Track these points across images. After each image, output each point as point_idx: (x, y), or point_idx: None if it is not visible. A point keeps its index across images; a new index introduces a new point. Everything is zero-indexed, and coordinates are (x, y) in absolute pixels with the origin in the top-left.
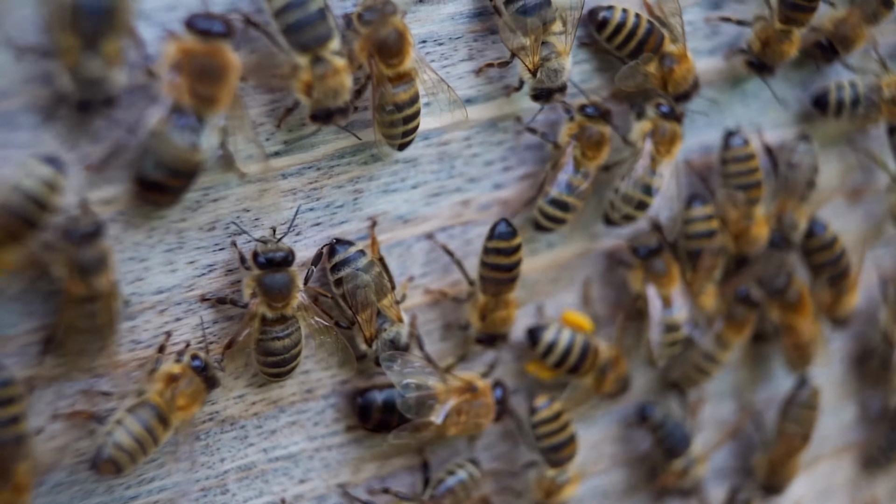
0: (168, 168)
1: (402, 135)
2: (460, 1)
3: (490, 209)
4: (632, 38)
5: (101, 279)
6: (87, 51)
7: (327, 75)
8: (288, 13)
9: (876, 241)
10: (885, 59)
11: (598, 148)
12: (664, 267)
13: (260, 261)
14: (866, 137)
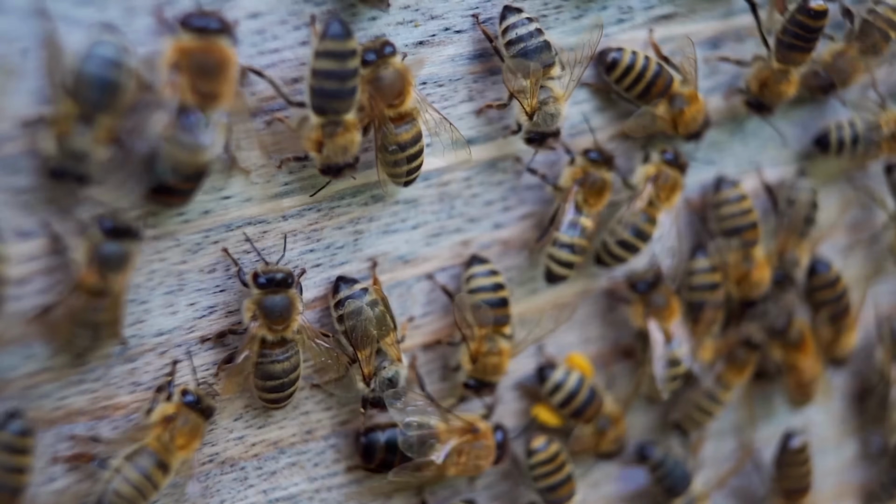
0: (180, 171)
1: (406, 174)
2: (460, 42)
3: (490, 249)
4: (640, 81)
5: (118, 278)
6: (80, 123)
7: (338, 134)
8: (326, 79)
9: (875, 279)
10: (885, 96)
11: (600, 194)
12: (664, 300)
13: (260, 281)
14: (865, 175)
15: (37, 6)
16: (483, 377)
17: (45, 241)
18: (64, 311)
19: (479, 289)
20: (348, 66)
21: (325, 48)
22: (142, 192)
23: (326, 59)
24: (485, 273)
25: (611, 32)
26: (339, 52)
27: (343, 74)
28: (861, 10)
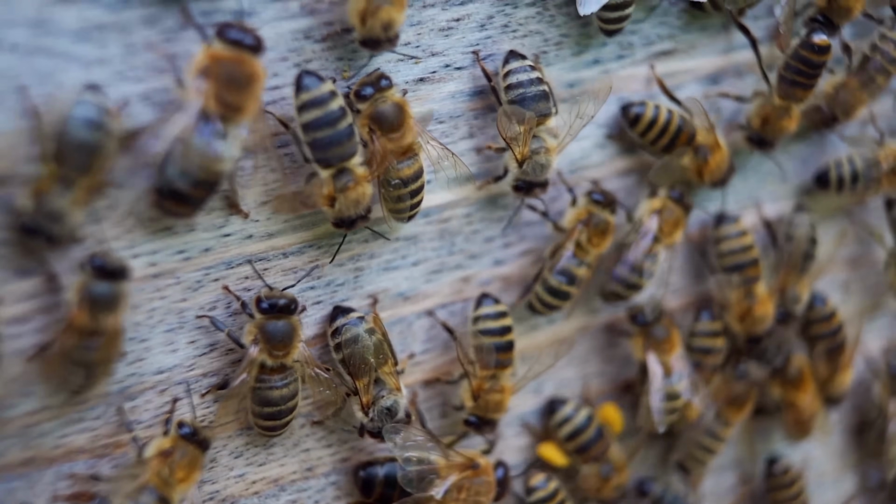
0: (191, 176)
1: (410, 208)
2: (460, 80)
3: (491, 285)
4: (664, 135)
5: (109, 318)
6: (60, 184)
7: (349, 188)
8: (317, 130)
9: (874, 315)
10: (884, 131)
11: (603, 236)
12: (665, 333)
13: (263, 306)
14: (864, 210)
15: (35, 44)
16: (484, 414)
17: (43, 279)
18: (57, 350)
19: (487, 331)
20: (332, 108)
21: (303, 101)
22: (149, 194)
23: (309, 111)
24: (494, 315)
25: (611, 68)
26: (317, 99)
27: (330, 118)
28: (864, 46)
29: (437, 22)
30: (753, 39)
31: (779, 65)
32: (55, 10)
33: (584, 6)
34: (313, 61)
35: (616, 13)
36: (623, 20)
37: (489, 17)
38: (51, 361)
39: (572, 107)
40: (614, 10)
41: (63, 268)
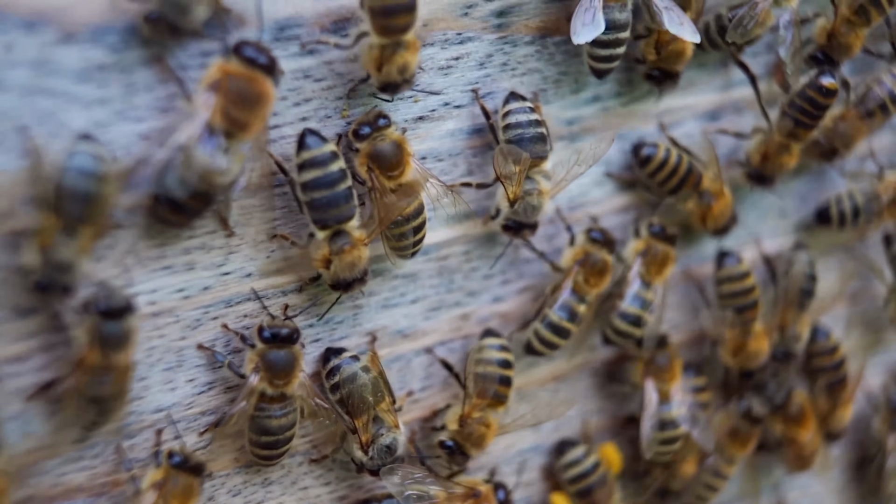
0: (190, 186)
1: (413, 245)
2: (459, 117)
3: (490, 322)
4: (673, 176)
5: (121, 355)
6: (63, 234)
7: (345, 250)
8: (315, 190)
9: (875, 350)
10: (883, 165)
11: (601, 275)
12: (666, 361)
13: (265, 335)
14: (864, 245)
15: (36, 85)
16: (463, 443)
17: (43, 318)
18: (69, 387)
19: (487, 360)
20: (332, 169)
21: (304, 159)
22: (148, 201)
23: (309, 170)
24: (496, 347)
25: (610, 106)
26: (318, 159)
27: (330, 180)
28: (864, 80)
29: (436, 61)
30: (753, 76)
31: (782, 102)
32: (56, 51)
33: (578, 36)
34: (312, 100)
35: (606, 51)
36: (613, 59)
37: (488, 56)
38: (62, 399)
39: (571, 154)
40: (605, 48)
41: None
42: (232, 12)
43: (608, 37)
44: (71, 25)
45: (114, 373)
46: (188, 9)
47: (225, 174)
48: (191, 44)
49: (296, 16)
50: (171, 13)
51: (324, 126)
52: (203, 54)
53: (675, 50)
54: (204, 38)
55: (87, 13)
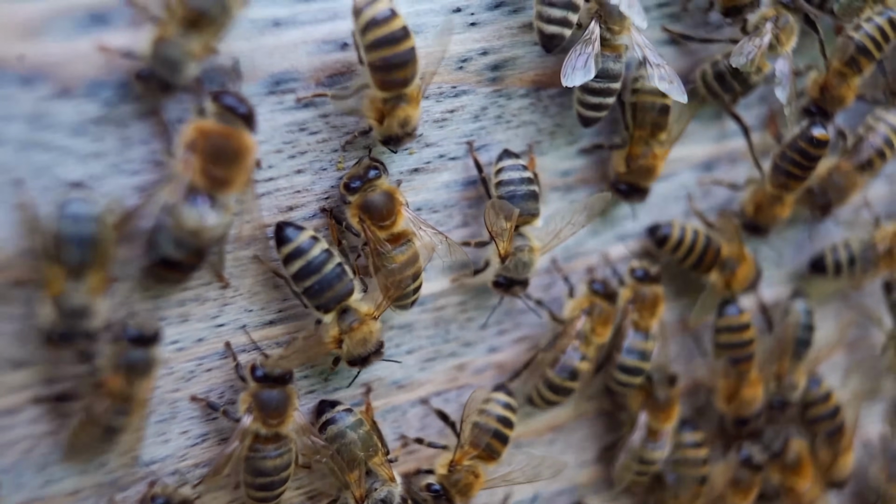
0: (185, 246)
1: (412, 293)
2: (455, 170)
3: (486, 373)
4: (691, 254)
5: (143, 383)
6: (71, 281)
7: (354, 327)
8: (305, 279)
9: (872, 398)
10: (878, 214)
11: (606, 325)
12: (665, 399)
13: (258, 374)
14: (861, 293)
15: (31, 138)
16: (450, 489)
17: (34, 370)
18: (87, 416)
19: (489, 413)
20: (314, 254)
21: (286, 253)
22: (143, 264)
23: (294, 261)
24: (502, 403)
25: (605, 156)
26: (299, 249)
27: (316, 265)
28: (860, 128)
29: (431, 113)
30: (746, 128)
31: (774, 154)
32: (52, 105)
33: (568, 79)
34: (307, 153)
35: (597, 99)
36: (602, 108)
37: (483, 109)
38: (76, 425)
39: (565, 214)
40: (595, 95)
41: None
42: (224, 68)
43: (600, 85)
44: (67, 80)
45: (133, 403)
46: (180, 66)
47: (215, 229)
48: (187, 97)
49: (291, 70)
50: (163, 70)
51: (319, 178)
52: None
53: (646, 165)
54: (197, 93)
55: (83, 68)
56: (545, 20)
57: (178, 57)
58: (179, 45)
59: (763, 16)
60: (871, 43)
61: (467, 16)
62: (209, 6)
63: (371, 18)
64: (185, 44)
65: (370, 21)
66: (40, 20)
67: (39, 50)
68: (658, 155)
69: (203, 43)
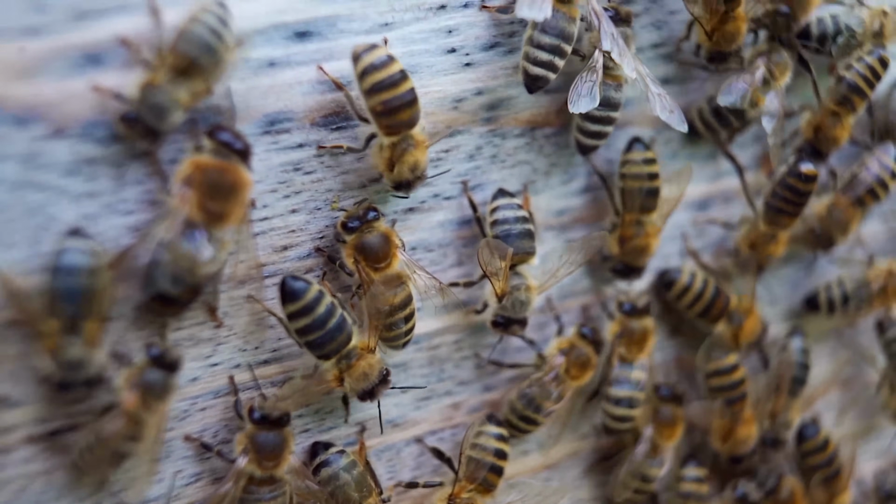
0: (182, 281)
1: (405, 334)
2: (449, 209)
3: (481, 412)
4: (699, 301)
5: (159, 406)
6: (67, 334)
7: (353, 366)
8: (309, 334)
9: (867, 437)
10: (873, 254)
11: (583, 369)
12: (670, 416)
13: (255, 416)
14: (855, 331)
15: (25, 178)
16: None
17: (28, 410)
18: (97, 434)
19: (483, 447)
20: (320, 312)
21: (291, 311)
22: (140, 299)
23: (298, 319)
24: (495, 436)
25: (600, 196)
26: (304, 307)
27: (321, 322)
28: (855, 167)
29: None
30: (740, 167)
31: (765, 192)
32: (46, 145)
33: (574, 105)
34: (302, 192)
35: (596, 126)
36: (601, 137)
37: (478, 148)
38: (87, 449)
39: (562, 253)
40: (595, 123)
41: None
42: (219, 108)
43: (600, 113)
44: (61, 120)
45: (145, 426)
46: (165, 113)
47: (211, 264)
48: (181, 137)
49: (286, 110)
50: (149, 116)
51: (313, 217)
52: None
53: (639, 245)
54: (193, 133)
55: (77, 108)
56: (531, 61)
57: (165, 104)
58: (167, 92)
59: (757, 51)
60: (863, 82)
61: (462, 56)
62: (200, 55)
63: (369, 63)
64: (174, 91)
65: (368, 66)
66: (35, 60)
67: (34, 90)
68: (651, 233)
69: (192, 91)
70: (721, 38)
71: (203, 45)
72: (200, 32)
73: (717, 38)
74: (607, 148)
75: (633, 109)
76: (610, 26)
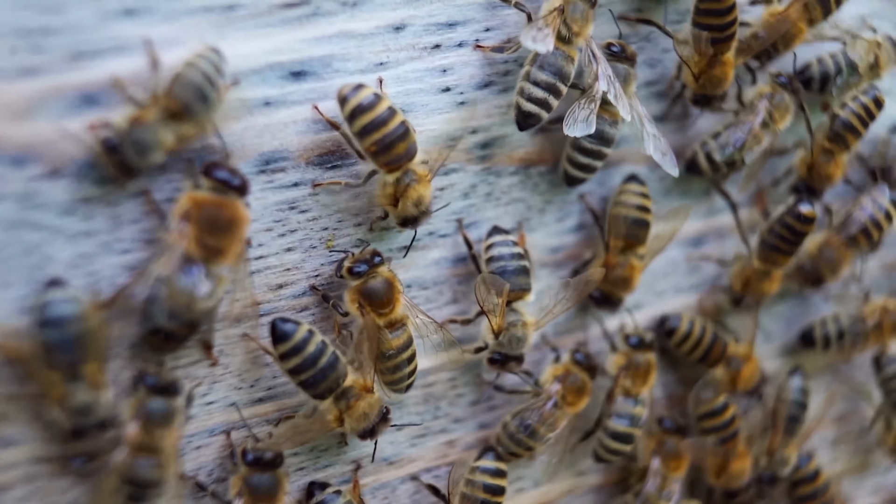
0: (179, 317)
1: (408, 376)
2: (444, 247)
3: (476, 449)
4: (698, 347)
5: (165, 434)
6: (70, 382)
7: (352, 405)
8: (300, 373)
9: (863, 473)
10: (868, 288)
11: (579, 395)
12: (675, 450)
13: (248, 458)
14: (850, 367)
15: (21, 218)
16: None
17: (28, 447)
18: (111, 468)
19: (478, 485)
20: (310, 351)
21: (281, 351)
22: (137, 335)
23: (289, 359)
24: (492, 471)
25: (594, 234)
26: (294, 347)
27: (311, 361)
28: (850, 206)
29: None
30: (734, 204)
31: (761, 229)
32: (42, 185)
33: (570, 128)
34: (297, 231)
35: (586, 159)
36: (590, 170)
37: (472, 186)
38: (103, 480)
39: (557, 291)
40: (586, 155)
41: None
42: (214, 148)
43: (591, 146)
44: (57, 160)
45: (158, 455)
46: (147, 152)
47: (209, 299)
48: (175, 176)
49: (281, 149)
50: (130, 149)
51: (309, 256)
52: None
53: (622, 276)
54: (188, 172)
55: (74, 148)
56: (526, 97)
57: (148, 142)
58: (154, 131)
59: (759, 92)
60: (857, 120)
61: (456, 95)
62: (193, 102)
63: (356, 105)
64: (161, 131)
65: (356, 108)
66: (32, 101)
67: (31, 130)
68: (636, 267)
69: (179, 134)
70: (708, 81)
71: (197, 90)
72: (195, 78)
73: (703, 81)
74: (601, 186)
75: (629, 147)
76: (607, 68)
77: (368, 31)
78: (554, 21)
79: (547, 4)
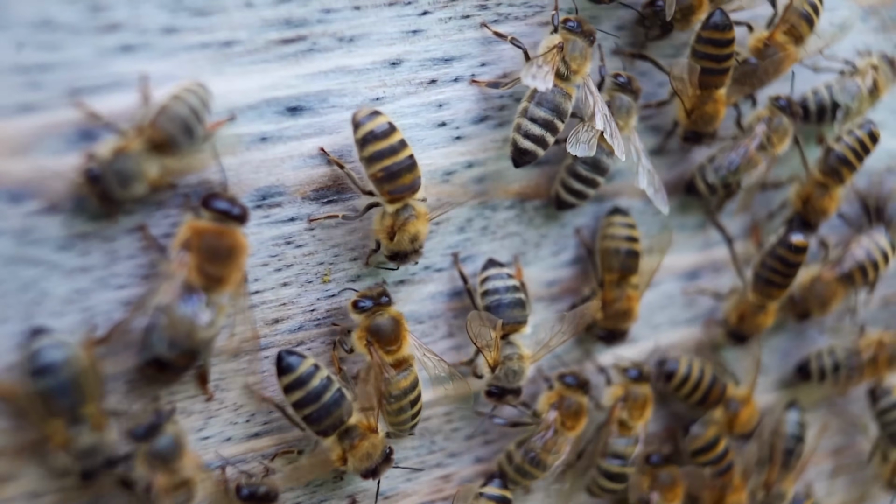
0: (179, 346)
1: (412, 418)
2: (440, 281)
3: (473, 483)
4: (697, 390)
5: (185, 462)
6: (72, 426)
7: (357, 445)
8: (304, 408)
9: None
10: (864, 323)
11: (577, 418)
12: (670, 480)
13: (242, 494)
14: (847, 400)
15: (18, 253)
16: None
17: (24, 482)
18: None
19: None
20: (314, 385)
21: (285, 384)
22: (136, 365)
23: (293, 392)
24: (497, 498)
25: (589, 267)
26: (297, 380)
27: (316, 395)
28: (848, 243)
29: None
30: (729, 238)
31: (754, 263)
32: (39, 220)
33: (573, 147)
34: (293, 266)
35: (580, 185)
36: (582, 196)
37: (468, 220)
38: None
39: (553, 324)
40: (580, 182)
41: None
42: (211, 182)
43: (586, 173)
44: (54, 196)
45: (189, 485)
46: (129, 182)
47: (209, 328)
48: (172, 211)
49: (277, 184)
50: (112, 180)
51: (305, 291)
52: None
53: (621, 309)
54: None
55: (59, 184)
56: (523, 134)
57: (131, 172)
58: (138, 162)
59: (758, 116)
60: (851, 154)
61: (452, 129)
62: (177, 134)
63: (369, 132)
64: (143, 162)
65: (368, 135)
66: (30, 137)
67: (28, 166)
68: (633, 297)
69: (161, 167)
70: (699, 118)
71: (182, 123)
72: (181, 111)
73: (695, 117)
74: (597, 220)
75: (624, 181)
76: (604, 106)
77: (365, 67)
78: (553, 58)
79: (546, 42)
